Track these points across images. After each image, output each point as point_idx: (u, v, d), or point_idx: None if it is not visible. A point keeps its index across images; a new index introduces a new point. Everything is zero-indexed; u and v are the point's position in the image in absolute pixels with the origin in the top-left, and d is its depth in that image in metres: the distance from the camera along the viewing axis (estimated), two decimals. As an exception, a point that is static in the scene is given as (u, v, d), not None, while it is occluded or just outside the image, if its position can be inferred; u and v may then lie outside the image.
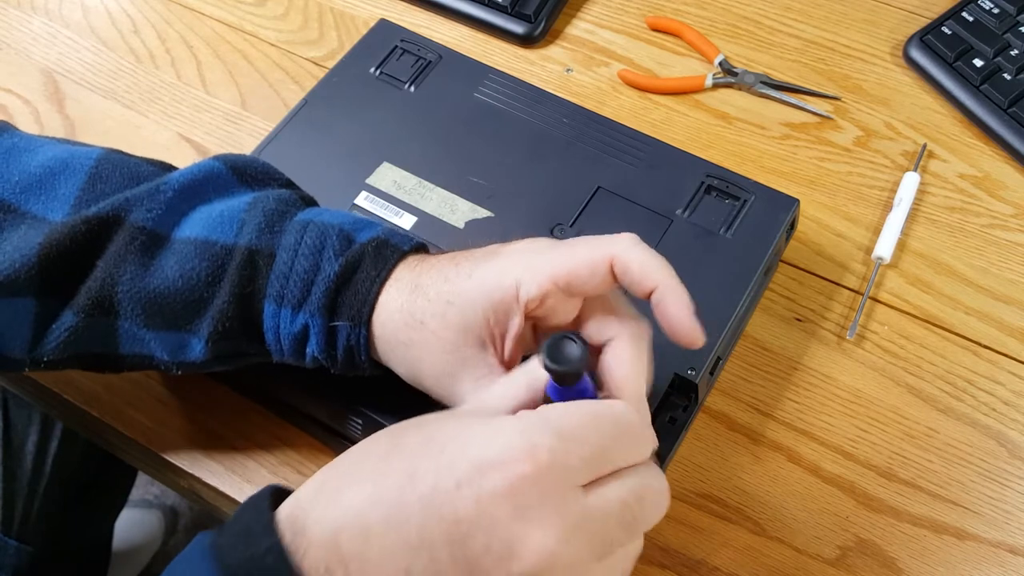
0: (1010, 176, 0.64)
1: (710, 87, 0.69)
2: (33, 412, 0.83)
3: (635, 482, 0.35)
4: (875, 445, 0.53)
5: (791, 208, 0.56)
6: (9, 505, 0.81)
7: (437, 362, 0.42)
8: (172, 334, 0.45)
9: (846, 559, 0.50)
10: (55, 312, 0.45)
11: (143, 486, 1.31)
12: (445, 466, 0.34)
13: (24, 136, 0.49)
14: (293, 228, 0.45)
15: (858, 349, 0.57)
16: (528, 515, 0.33)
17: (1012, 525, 0.51)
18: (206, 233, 0.45)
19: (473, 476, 0.33)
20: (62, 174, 0.47)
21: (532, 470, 0.33)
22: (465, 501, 0.33)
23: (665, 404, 0.51)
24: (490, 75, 0.63)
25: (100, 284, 0.44)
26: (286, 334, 0.44)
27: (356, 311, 0.43)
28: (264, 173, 0.49)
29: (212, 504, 0.56)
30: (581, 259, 0.40)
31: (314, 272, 0.44)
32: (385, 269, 0.43)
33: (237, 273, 0.44)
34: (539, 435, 0.33)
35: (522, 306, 0.41)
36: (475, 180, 0.58)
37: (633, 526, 0.35)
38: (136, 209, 0.45)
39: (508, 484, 0.33)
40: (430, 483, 0.33)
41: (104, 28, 0.75)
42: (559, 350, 0.36)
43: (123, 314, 0.45)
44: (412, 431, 0.37)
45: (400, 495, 0.34)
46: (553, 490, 0.33)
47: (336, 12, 0.75)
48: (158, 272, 0.44)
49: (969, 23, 0.68)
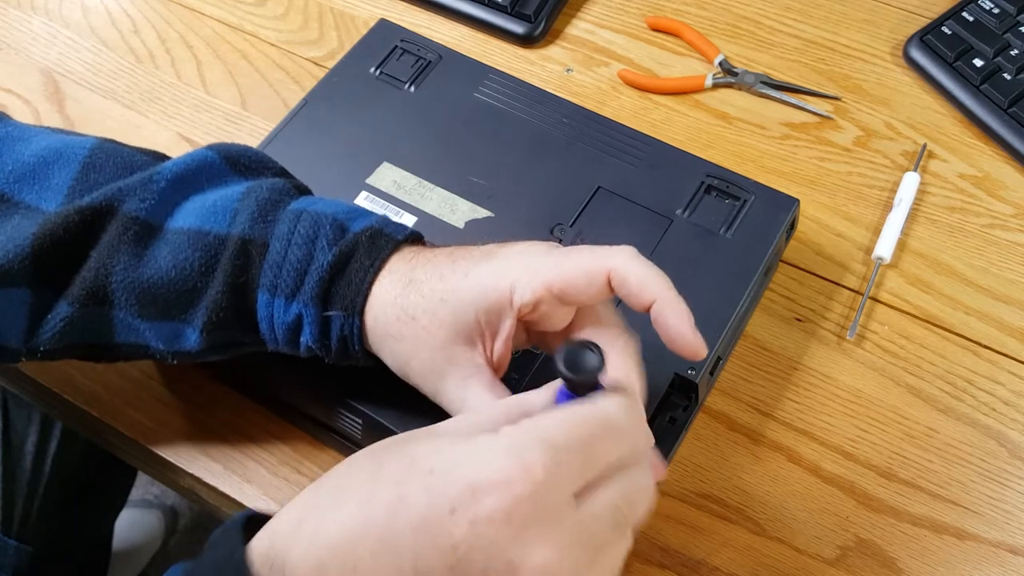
0: (1010, 176, 0.64)
1: (710, 87, 0.69)
2: (33, 412, 0.83)
3: (624, 483, 0.35)
4: (875, 445, 0.53)
5: (791, 208, 0.56)
6: (9, 505, 0.81)
7: (425, 358, 0.42)
8: (167, 324, 0.45)
9: (846, 559, 0.50)
10: (49, 302, 0.45)
11: (143, 486, 1.31)
12: (436, 490, 0.32)
13: (18, 125, 0.49)
14: (286, 217, 0.45)
15: (858, 349, 0.57)
16: (527, 535, 0.32)
17: (1012, 525, 0.51)
18: (199, 223, 0.45)
19: (467, 500, 0.32)
20: (56, 163, 0.46)
21: (528, 490, 0.32)
22: (460, 527, 0.32)
23: (665, 404, 0.51)
24: (490, 75, 0.63)
25: (94, 275, 0.44)
26: (280, 324, 0.44)
27: (349, 301, 0.43)
28: (258, 162, 0.49)
29: (212, 504, 0.55)
30: (578, 268, 0.40)
31: (307, 262, 0.43)
32: (379, 259, 0.43)
33: (230, 263, 0.44)
34: (531, 452, 0.32)
35: (515, 310, 0.41)
36: (475, 180, 0.58)
37: (624, 527, 0.35)
38: (129, 199, 0.45)
39: (505, 506, 0.32)
40: (421, 509, 0.32)
41: (104, 28, 0.75)
42: (576, 359, 0.35)
43: (117, 304, 0.45)
44: (393, 452, 0.35)
45: (389, 524, 0.32)
46: (549, 506, 0.32)
47: (336, 12, 0.75)
48: (151, 262, 0.44)
49: (969, 23, 0.68)
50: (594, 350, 0.35)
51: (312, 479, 0.52)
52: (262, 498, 0.52)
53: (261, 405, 0.55)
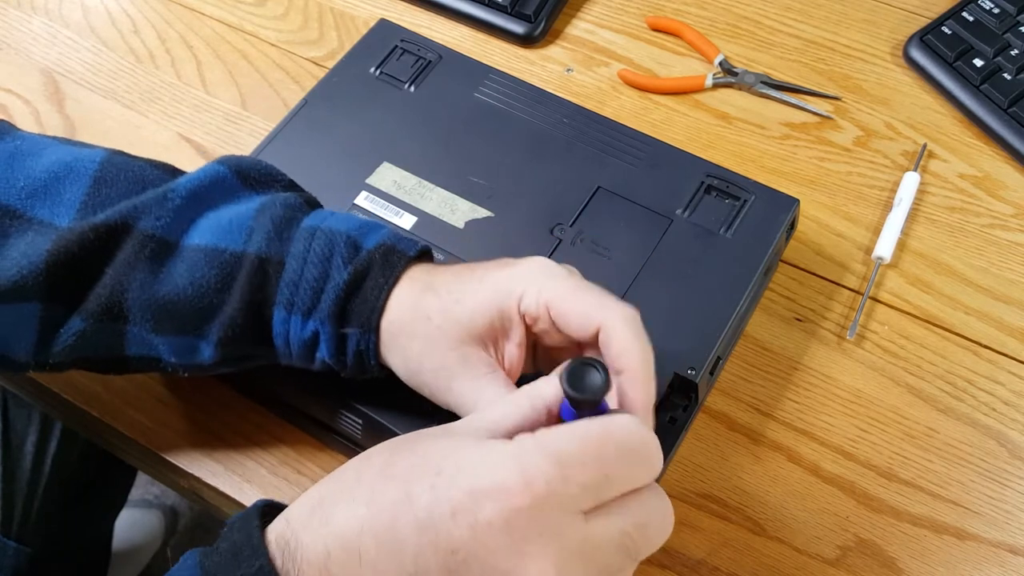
0: (1010, 176, 0.64)
1: (710, 87, 0.69)
2: (32, 412, 0.83)
3: (638, 510, 0.35)
4: (875, 445, 0.53)
5: (791, 208, 0.56)
6: (8, 505, 0.81)
7: (437, 357, 0.42)
8: (181, 338, 0.46)
9: (846, 559, 0.50)
10: (61, 317, 0.45)
11: (143, 486, 1.31)
12: (441, 491, 0.33)
13: (27, 138, 0.49)
14: (301, 235, 0.45)
15: (858, 349, 0.57)
16: (525, 547, 0.32)
17: (1012, 525, 0.51)
18: (215, 241, 0.46)
19: (468, 505, 0.32)
20: (67, 179, 0.47)
21: (528, 501, 0.32)
22: (460, 530, 0.32)
23: (665, 404, 0.51)
24: (490, 75, 0.63)
25: (110, 291, 0.45)
26: (296, 340, 0.45)
27: (365, 318, 0.44)
28: (267, 175, 0.50)
29: (212, 504, 0.56)
30: (576, 309, 0.40)
31: (323, 280, 0.44)
32: (393, 276, 0.44)
33: (248, 281, 0.44)
34: (535, 463, 0.32)
35: (521, 316, 0.42)
36: (475, 180, 0.58)
37: (633, 554, 0.35)
38: (145, 217, 0.45)
39: (503, 515, 0.32)
40: (425, 508, 0.33)
41: (104, 28, 0.75)
42: (579, 376, 0.34)
43: (132, 320, 0.45)
44: (406, 449, 0.36)
45: (394, 519, 0.33)
46: (551, 520, 0.32)
47: (336, 12, 0.75)
48: (168, 279, 0.45)
49: (969, 23, 0.68)
50: (598, 369, 0.34)
51: (312, 479, 0.53)
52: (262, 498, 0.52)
53: (261, 405, 0.55)
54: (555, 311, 0.41)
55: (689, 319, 0.52)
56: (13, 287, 0.44)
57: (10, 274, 0.44)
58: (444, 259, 0.55)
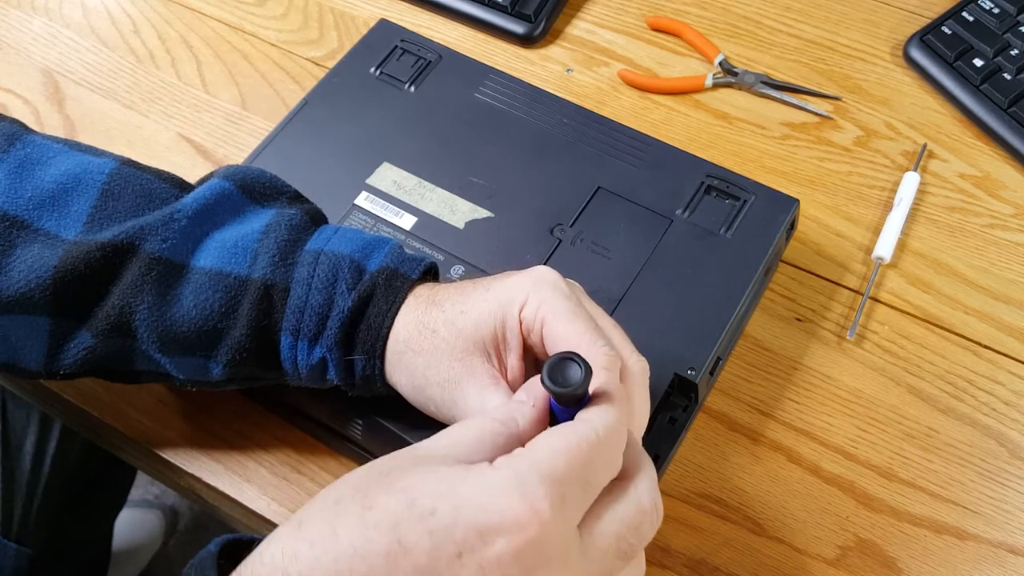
0: (1010, 176, 0.64)
1: (710, 87, 0.69)
2: (31, 412, 0.83)
3: (627, 511, 0.35)
4: (875, 445, 0.53)
5: (791, 208, 0.56)
6: (8, 506, 0.81)
7: (444, 368, 0.42)
8: (189, 359, 0.46)
9: (846, 559, 0.50)
10: (70, 330, 0.46)
11: (143, 486, 1.31)
12: (440, 533, 0.31)
13: (37, 144, 0.49)
14: (305, 260, 0.46)
15: (858, 349, 0.57)
16: (536, 575, 0.32)
17: (1012, 525, 0.51)
18: (220, 264, 0.46)
19: (475, 544, 0.31)
20: (74, 190, 0.47)
21: (537, 531, 0.31)
22: (468, 570, 0.31)
23: (665, 404, 0.51)
24: (490, 75, 0.63)
25: (118, 311, 0.45)
26: (303, 364, 0.45)
27: (370, 345, 0.44)
28: (273, 188, 0.50)
29: (212, 504, 0.56)
30: (565, 333, 0.40)
31: (328, 307, 0.44)
32: (396, 303, 0.44)
33: (254, 307, 0.45)
34: (538, 491, 0.32)
35: (518, 322, 0.41)
36: (475, 180, 0.58)
37: (630, 553, 0.35)
38: (151, 238, 0.45)
39: (514, 549, 0.31)
40: (426, 554, 0.31)
41: (104, 28, 0.75)
42: (559, 371, 0.35)
43: (140, 339, 0.46)
44: (381, 487, 0.33)
45: (390, 571, 0.31)
46: (557, 544, 0.32)
47: (336, 12, 0.75)
48: (174, 303, 0.45)
49: (969, 23, 0.68)
50: (579, 362, 0.35)
51: (312, 479, 0.53)
52: (262, 498, 0.52)
53: (261, 405, 0.55)
54: (547, 327, 0.40)
55: (689, 319, 0.52)
56: (21, 298, 0.44)
57: (19, 286, 0.44)
58: (444, 259, 0.55)
